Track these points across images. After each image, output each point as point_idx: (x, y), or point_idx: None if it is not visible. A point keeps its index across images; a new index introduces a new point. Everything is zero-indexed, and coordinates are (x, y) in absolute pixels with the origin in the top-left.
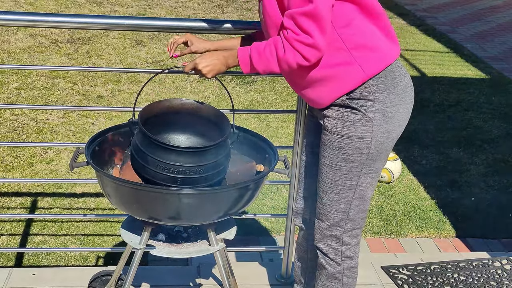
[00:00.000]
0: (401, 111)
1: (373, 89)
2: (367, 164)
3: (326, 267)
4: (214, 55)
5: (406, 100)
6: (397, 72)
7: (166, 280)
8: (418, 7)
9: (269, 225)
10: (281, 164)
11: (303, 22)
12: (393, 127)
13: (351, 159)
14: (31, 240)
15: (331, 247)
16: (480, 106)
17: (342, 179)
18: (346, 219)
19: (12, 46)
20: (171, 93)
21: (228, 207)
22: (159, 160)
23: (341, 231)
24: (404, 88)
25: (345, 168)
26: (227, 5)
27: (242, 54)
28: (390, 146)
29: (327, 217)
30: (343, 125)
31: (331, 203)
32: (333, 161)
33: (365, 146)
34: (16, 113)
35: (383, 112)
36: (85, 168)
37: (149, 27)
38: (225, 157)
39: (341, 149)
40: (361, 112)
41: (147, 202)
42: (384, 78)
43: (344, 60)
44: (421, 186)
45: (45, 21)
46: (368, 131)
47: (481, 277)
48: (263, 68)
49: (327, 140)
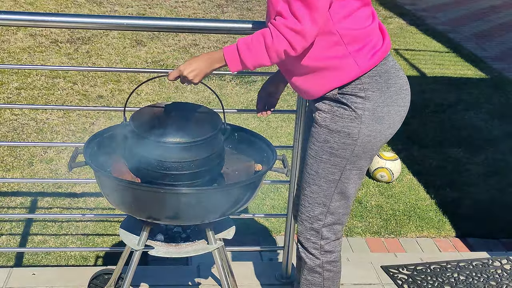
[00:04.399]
0: (392, 113)
1: (365, 87)
2: (351, 160)
3: (306, 260)
4: (198, 59)
5: (399, 102)
6: (393, 73)
7: (165, 280)
8: (418, 6)
9: (269, 225)
10: (280, 163)
11: (297, 7)
12: (382, 128)
13: (335, 153)
14: (31, 240)
15: (310, 241)
16: (480, 106)
17: (325, 172)
18: (326, 212)
19: (12, 46)
20: (171, 93)
21: (226, 206)
22: (150, 157)
23: (321, 224)
24: (398, 90)
25: (329, 161)
26: (227, 5)
27: (228, 51)
28: (377, 147)
29: (307, 209)
30: (331, 119)
31: (312, 194)
32: (318, 154)
33: (350, 142)
34: (16, 113)
35: (373, 111)
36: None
37: (149, 27)
38: (218, 153)
39: (327, 143)
40: (351, 108)
41: (145, 201)
42: (378, 77)
43: (339, 54)
44: (421, 186)
45: (45, 21)
46: (356, 127)
47: (481, 277)
48: (252, 62)
49: (315, 132)
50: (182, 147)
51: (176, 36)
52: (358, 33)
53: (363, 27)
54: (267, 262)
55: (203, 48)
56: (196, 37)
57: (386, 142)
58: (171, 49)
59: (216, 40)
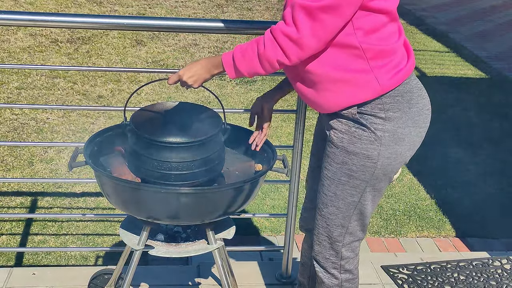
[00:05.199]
0: (413, 134)
1: (386, 107)
2: (371, 183)
3: (324, 280)
4: (198, 64)
5: (420, 123)
6: (415, 93)
7: (166, 280)
8: (417, 6)
9: (269, 225)
10: (280, 163)
11: (299, 15)
12: (402, 150)
13: (355, 175)
14: (31, 240)
15: (330, 261)
16: (480, 106)
17: (344, 194)
18: (345, 233)
19: (12, 46)
20: (171, 93)
21: (227, 206)
22: (150, 158)
23: (340, 245)
24: (420, 110)
25: (348, 183)
26: (227, 5)
27: (226, 58)
28: (397, 168)
29: (325, 230)
30: (349, 140)
31: (330, 216)
32: (336, 175)
33: (370, 165)
34: (16, 112)
35: (393, 132)
36: (85, 167)
37: (149, 27)
38: (218, 153)
39: (345, 165)
40: (370, 130)
41: (145, 201)
42: (400, 98)
43: (359, 67)
44: (421, 185)
45: (45, 20)
46: (376, 150)
47: (481, 277)
48: (246, 68)
49: (331, 152)
50: (182, 147)
51: (176, 36)
52: (383, 49)
53: (388, 44)
54: (267, 262)
55: (203, 48)
56: (196, 37)
57: (405, 163)
58: (171, 49)
59: (216, 40)
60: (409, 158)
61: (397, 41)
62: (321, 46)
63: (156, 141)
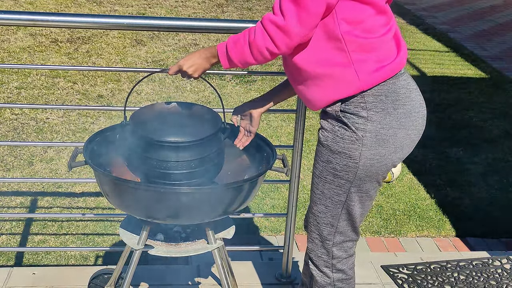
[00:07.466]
0: (399, 137)
1: (368, 106)
2: (355, 183)
3: (316, 278)
4: (197, 54)
5: (408, 126)
6: (402, 94)
7: (166, 279)
8: (417, 6)
9: (269, 224)
10: (280, 163)
11: (285, 3)
12: (386, 152)
13: (339, 175)
14: (31, 240)
15: (321, 259)
16: (480, 106)
17: (331, 193)
18: (334, 232)
19: (12, 46)
20: (171, 92)
21: (226, 205)
22: (150, 157)
23: (330, 244)
24: (407, 112)
25: (333, 183)
26: (227, 5)
27: (220, 47)
28: (383, 171)
29: (316, 227)
30: (333, 139)
31: (319, 214)
32: (323, 174)
33: (352, 165)
34: (16, 112)
35: (375, 133)
36: (85, 167)
37: (149, 27)
38: (217, 152)
39: (330, 163)
40: (351, 130)
41: (144, 201)
42: (383, 97)
43: (341, 61)
44: (421, 185)
45: (45, 20)
46: (357, 150)
47: (481, 277)
48: (238, 58)
49: (318, 151)
50: (182, 146)
51: (176, 36)
52: (365, 42)
53: (372, 37)
54: (267, 262)
55: (203, 47)
56: (196, 36)
57: (394, 166)
58: (171, 48)
59: (216, 39)
60: (399, 161)
61: (384, 35)
62: (307, 34)
63: (156, 140)
